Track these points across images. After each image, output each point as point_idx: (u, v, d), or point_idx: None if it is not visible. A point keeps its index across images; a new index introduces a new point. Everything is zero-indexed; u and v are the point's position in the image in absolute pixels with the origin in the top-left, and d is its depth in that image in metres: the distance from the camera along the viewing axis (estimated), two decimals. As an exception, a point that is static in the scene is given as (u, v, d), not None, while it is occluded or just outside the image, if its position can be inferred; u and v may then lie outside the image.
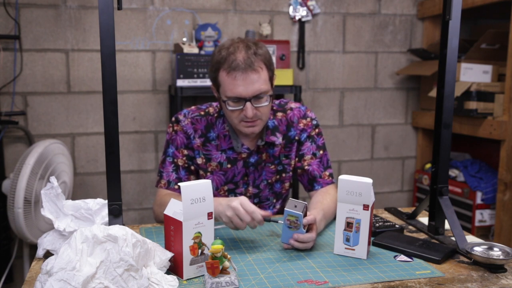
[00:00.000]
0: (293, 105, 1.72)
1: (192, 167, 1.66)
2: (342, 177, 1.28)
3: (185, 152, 1.65)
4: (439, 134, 1.44)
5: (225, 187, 1.67)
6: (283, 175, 1.71)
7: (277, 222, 1.41)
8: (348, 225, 1.29)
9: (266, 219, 1.36)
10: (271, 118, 1.67)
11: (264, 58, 1.52)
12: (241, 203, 1.33)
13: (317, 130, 1.71)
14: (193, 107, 1.70)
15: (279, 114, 1.69)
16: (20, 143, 2.63)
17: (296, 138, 1.69)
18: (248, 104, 1.50)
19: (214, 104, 1.70)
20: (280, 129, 1.67)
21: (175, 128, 1.66)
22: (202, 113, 1.67)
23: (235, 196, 1.67)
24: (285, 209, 1.30)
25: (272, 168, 1.68)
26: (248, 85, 1.48)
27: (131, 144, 2.79)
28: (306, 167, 1.68)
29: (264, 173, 1.68)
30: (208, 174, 1.66)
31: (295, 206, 1.31)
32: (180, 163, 1.64)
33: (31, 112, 2.62)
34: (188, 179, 1.65)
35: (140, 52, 2.73)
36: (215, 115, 1.66)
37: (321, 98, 3.05)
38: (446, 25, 1.40)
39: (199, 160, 1.65)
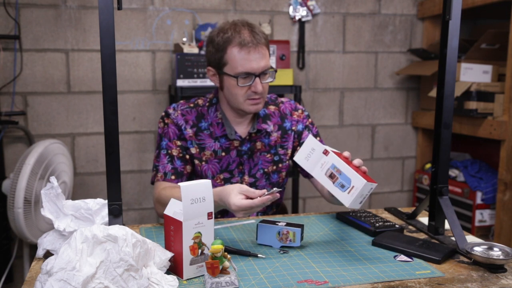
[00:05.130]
0: (283, 99, 1.81)
1: (187, 157, 1.67)
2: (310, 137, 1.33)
3: (178, 143, 1.66)
4: (439, 134, 1.44)
5: (221, 176, 1.69)
6: (280, 165, 1.74)
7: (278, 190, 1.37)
8: (331, 176, 1.27)
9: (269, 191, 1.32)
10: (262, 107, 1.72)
11: (266, 36, 1.63)
12: (240, 191, 1.32)
13: (310, 120, 1.80)
14: (181, 101, 1.73)
15: (272, 107, 1.75)
16: (20, 143, 2.63)
17: (293, 128, 1.75)
18: (257, 79, 1.58)
19: (202, 97, 1.74)
20: (272, 120, 1.73)
21: (166, 121, 1.68)
22: (192, 105, 1.71)
23: None
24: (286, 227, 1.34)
25: (268, 157, 1.71)
26: (259, 59, 1.57)
27: (131, 144, 2.79)
28: None
29: (260, 162, 1.71)
30: (203, 163, 1.67)
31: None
32: (174, 153, 1.66)
33: (31, 112, 2.62)
34: (184, 169, 1.66)
35: (140, 52, 2.73)
36: (207, 104, 1.70)
37: (321, 98, 3.05)
38: (446, 25, 1.40)
39: (193, 150, 1.66)
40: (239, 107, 1.63)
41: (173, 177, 1.64)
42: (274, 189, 1.32)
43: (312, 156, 1.30)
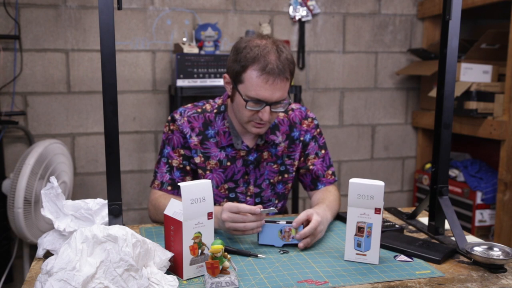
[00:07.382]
0: (294, 106, 1.73)
1: (188, 167, 1.64)
2: (353, 180, 1.25)
3: (182, 152, 1.63)
4: (439, 134, 1.44)
5: (225, 185, 1.65)
6: (286, 175, 1.70)
7: (270, 214, 1.40)
8: (359, 229, 1.26)
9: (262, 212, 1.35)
10: None
11: (293, 66, 1.52)
12: (229, 210, 1.34)
13: (318, 130, 1.73)
14: (189, 105, 1.68)
15: (281, 115, 1.69)
16: (20, 143, 2.63)
17: (301, 138, 1.70)
18: (267, 108, 1.50)
19: (211, 100, 1.70)
20: (281, 129, 1.68)
21: (171, 127, 1.64)
22: (199, 110, 1.65)
23: (236, 195, 1.66)
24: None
25: (275, 168, 1.68)
26: (275, 91, 1.48)
27: (131, 144, 2.79)
28: (311, 167, 1.70)
29: (267, 172, 1.67)
30: (208, 172, 1.64)
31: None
32: (174, 164, 1.62)
33: (31, 112, 2.62)
34: (183, 180, 1.63)
35: (140, 52, 2.73)
36: (214, 111, 1.65)
37: (321, 98, 3.05)
38: (446, 25, 1.40)
39: (197, 159, 1.63)
40: (242, 125, 1.59)
41: (169, 187, 1.62)
42: (270, 208, 1.36)
43: (364, 200, 1.25)
